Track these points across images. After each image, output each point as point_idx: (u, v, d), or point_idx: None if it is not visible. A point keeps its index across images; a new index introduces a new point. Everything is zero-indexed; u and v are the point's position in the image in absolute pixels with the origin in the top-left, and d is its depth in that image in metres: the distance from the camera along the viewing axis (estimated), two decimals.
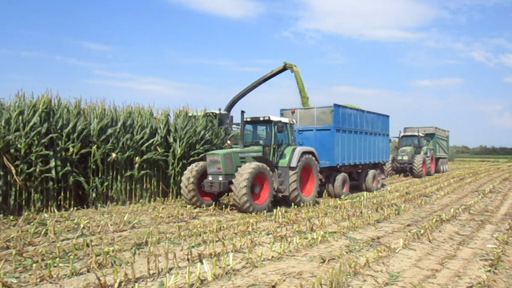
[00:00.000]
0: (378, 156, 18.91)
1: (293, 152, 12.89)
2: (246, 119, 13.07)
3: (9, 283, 5.15)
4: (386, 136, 20.14)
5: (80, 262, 6.26)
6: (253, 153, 12.58)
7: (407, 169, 26.54)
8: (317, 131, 15.77)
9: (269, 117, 12.69)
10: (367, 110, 18.15)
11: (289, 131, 13.54)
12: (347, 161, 16.22)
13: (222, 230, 8.91)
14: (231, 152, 12.08)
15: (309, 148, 13.74)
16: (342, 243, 7.95)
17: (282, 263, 6.53)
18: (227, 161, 11.77)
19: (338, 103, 15.87)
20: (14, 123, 10.80)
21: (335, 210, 12.14)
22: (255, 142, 13.65)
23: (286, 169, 12.69)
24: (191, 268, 5.81)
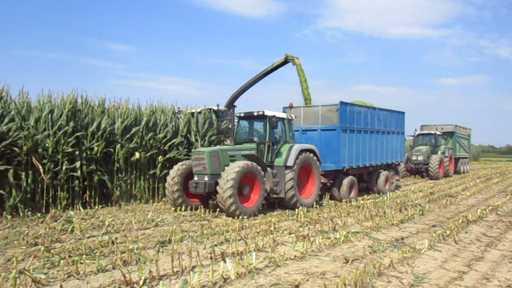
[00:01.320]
0: (391, 157, 17.62)
1: (290, 150, 11.93)
2: (240, 114, 12.29)
3: (38, 279, 5.28)
4: (401, 135, 18.82)
5: (106, 259, 6.37)
6: (245, 151, 11.57)
7: (423, 170, 24.62)
8: (322, 131, 14.52)
9: (264, 112, 11.73)
10: (379, 107, 16.87)
11: (286, 128, 12.54)
12: (355, 163, 14.99)
13: (244, 229, 8.93)
14: (218, 150, 11.09)
15: (308, 146, 12.79)
16: (365, 243, 7.86)
17: (304, 262, 6.50)
18: (213, 160, 10.82)
19: (345, 101, 14.64)
20: (42, 122, 11.08)
21: (357, 210, 12.01)
22: (249, 139, 12.62)
23: (282, 169, 11.73)
24: (214, 266, 5.84)
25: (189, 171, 11.41)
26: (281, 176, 11.67)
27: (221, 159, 10.93)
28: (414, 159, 24.87)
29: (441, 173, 24.23)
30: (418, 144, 26.68)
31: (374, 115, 16.35)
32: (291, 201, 11.70)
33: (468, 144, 32.89)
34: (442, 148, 26.09)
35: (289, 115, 12.82)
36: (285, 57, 16.03)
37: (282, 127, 12.51)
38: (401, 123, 18.80)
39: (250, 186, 10.89)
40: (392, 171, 17.66)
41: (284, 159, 11.73)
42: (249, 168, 10.50)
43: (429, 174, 23.97)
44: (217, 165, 10.80)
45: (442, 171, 24.36)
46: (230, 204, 9.96)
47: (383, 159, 16.88)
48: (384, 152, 16.90)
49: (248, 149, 11.68)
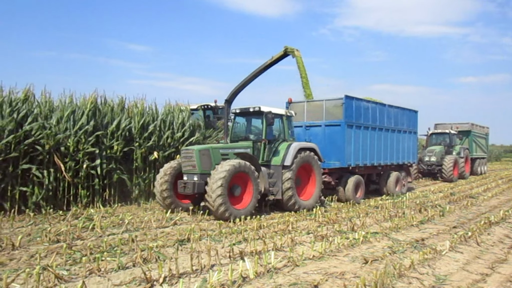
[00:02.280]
0: (402, 157, 16.68)
1: (288, 149, 11.23)
2: (236, 110, 11.77)
3: (61, 275, 5.38)
4: (414, 134, 17.84)
5: (126, 256, 6.45)
6: (240, 149, 10.93)
7: (436, 171, 23.09)
8: (326, 127, 13.81)
9: (260, 107, 11.16)
10: (389, 104, 15.94)
11: (285, 125, 11.84)
12: (362, 162, 14.18)
13: (262, 228, 8.93)
14: (208, 148, 10.49)
15: (308, 144, 12.08)
16: (384, 244, 7.78)
17: (323, 262, 6.47)
18: (203, 158, 10.19)
19: (351, 95, 13.78)
20: (64, 122, 11.30)
21: (376, 210, 11.90)
22: (245, 137, 11.89)
23: (279, 168, 11.07)
24: (233, 265, 5.85)
25: (179, 171, 10.79)
26: (278, 176, 11.06)
27: (212, 158, 10.35)
28: (427, 160, 23.45)
29: (456, 175, 22.93)
30: (432, 144, 25.29)
31: (383, 112, 15.55)
32: (289, 203, 11.08)
33: (486, 143, 31.34)
34: (457, 148, 24.76)
35: (288, 111, 12.21)
36: (285, 50, 15.18)
37: (280, 124, 11.90)
38: (414, 122, 17.98)
39: (242, 187, 10.23)
40: (403, 172, 16.86)
41: (282, 158, 11.11)
42: (241, 168, 9.87)
43: (443, 176, 22.68)
44: (208, 164, 10.19)
45: (456, 172, 23.12)
46: (219, 206, 9.32)
47: (393, 159, 16.02)
48: (394, 152, 16.06)
49: (243, 147, 11.11)
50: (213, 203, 9.34)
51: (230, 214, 9.49)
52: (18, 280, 5.18)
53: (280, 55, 15.45)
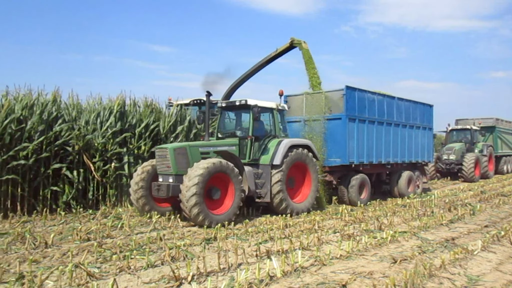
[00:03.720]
0: (416, 155, 15.39)
1: (278, 146, 10.25)
2: (222, 104, 10.92)
3: (92, 272, 5.51)
4: (429, 131, 16.45)
5: (154, 255, 6.54)
6: (222, 147, 10.00)
7: (455, 171, 21.26)
8: (326, 121, 12.69)
9: (246, 100, 10.22)
10: (399, 97, 14.69)
11: (275, 119, 10.81)
12: (367, 159, 13.04)
13: (288, 227, 8.91)
14: (185, 146, 9.54)
15: (301, 141, 11.14)
16: (413, 243, 7.64)
17: (351, 262, 6.40)
18: (178, 158, 9.25)
19: (353, 86, 12.67)
20: (92, 123, 11.57)
21: (403, 209, 11.70)
22: (231, 134, 10.96)
23: (268, 168, 10.13)
24: (260, 264, 5.86)
25: (155, 172, 9.85)
26: (267, 176, 10.12)
27: (189, 157, 9.38)
28: (445, 158, 21.56)
29: (477, 174, 21.25)
30: (452, 141, 23.37)
31: (392, 105, 14.28)
32: (280, 206, 10.17)
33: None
34: (480, 146, 22.83)
35: (280, 104, 11.11)
36: (291, 41, 14.25)
37: (270, 119, 10.91)
38: (429, 117, 16.57)
39: (222, 189, 9.28)
40: (417, 172, 15.63)
41: (271, 157, 10.16)
42: (220, 167, 8.92)
43: (463, 176, 21.02)
44: (184, 164, 9.19)
45: (478, 171, 21.42)
46: (194, 212, 8.46)
47: (404, 157, 14.74)
48: (406, 149, 14.80)
49: (228, 145, 10.17)
50: (188, 208, 8.44)
51: (207, 220, 8.58)
52: (52, 277, 5.33)
53: (286, 47, 14.42)
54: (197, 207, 8.42)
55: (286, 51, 14.58)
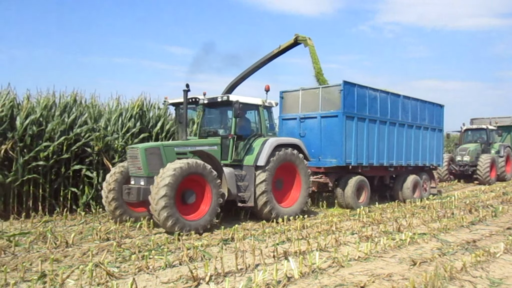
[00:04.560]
0: (423, 158, 14.44)
1: (262, 146, 9.56)
2: (203, 101, 10.21)
3: (112, 272, 5.58)
4: (439, 132, 15.43)
5: (172, 255, 6.59)
6: (203, 147, 9.31)
7: (470, 172, 20.28)
8: (322, 119, 11.85)
9: (228, 96, 9.64)
10: (405, 95, 13.78)
11: (261, 117, 10.08)
12: (366, 161, 12.18)
13: (305, 228, 8.87)
14: (159, 146, 8.87)
15: (289, 140, 10.41)
16: (433, 245, 7.53)
17: (369, 263, 6.34)
18: (150, 158, 8.58)
19: (352, 81, 11.80)
20: (112, 124, 11.74)
21: (423, 210, 11.53)
22: (213, 132, 10.24)
23: (251, 169, 9.47)
24: (278, 265, 5.85)
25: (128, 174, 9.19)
26: (250, 179, 9.43)
27: (163, 158, 8.71)
28: (459, 159, 20.59)
29: (493, 177, 20.12)
30: (466, 141, 22.16)
31: (397, 103, 13.36)
32: (264, 210, 9.45)
33: None
34: (496, 146, 21.60)
35: (266, 100, 10.32)
36: (295, 38, 13.64)
37: (256, 116, 10.19)
38: (439, 118, 15.54)
39: (198, 193, 8.55)
40: (424, 176, 14.62)
41: (255, 157, 9.46)
42: (194, 169, 8.19)
43: (478, 178, 19.96)
44: (157, 165, 8.45)
45: (494, 173, 20.28)
46: (164, 217, 7.70)
47: (409, 159, 13.81)
48: (412, 152, 13.88)
49: (208, 144, 9.48)
50: (156, 211, 7.75)
51: (178, 225, 7.85)
52: (73, 276, 5.42)
53: (290, 44, 13.81)
54: (166, 211, 7.66)
55: (289, 48, 14.04)
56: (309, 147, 11.45)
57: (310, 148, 11.50)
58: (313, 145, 11.78)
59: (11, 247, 6.88)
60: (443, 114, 15.81)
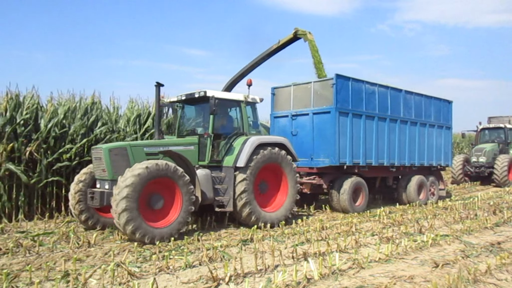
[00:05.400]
0: (429, 157, 13.61)
1: (243, 145, 8.89)
2: (180, 97, 9.54)
3: (133, 272, 5.65)
4: (446, 130, 14.52)
5: (192, 255, 6.63)
6: (178, 147, 8.62)
7: (486, 174, 19.14)
8: (314, 116, 11.16)
9: (205, 92, 8.82)
10: (407, 90, 12.93)
11: (243, 114, 9.36)
12: (364, 161, 11.42)
13: (325, 229, 8.81)
14: (125, 146, 8.10)
15: (274, 138, 9.68)
16: (456, 247, 7.38)
17: (390, 265, 6.26)
18: (115, 160, 7.86)
19: (345, 75, 11.03)
20: (131, 125, 11.91)
21: (445, 211, 11.33)
22: (191, 131, 9.57)
23: (231, 171, 8.81)
24: (297, 266, 5.82)
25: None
26: (230, 181, 8.75)
27: (130, 159, 7.96)
28: (474, 160, 19.51)
29: (511, 179, 19.03)
30: (483, 141, 20.90)
31: (398, 99, 12.54)
32: (243, 213, 8.71)
33: None
34: None
35: (249, 96, 9.49)
36: (295, 32, 13.10)
37: (238, 113, 9.50)
38: (446, 114, 14.62)
39: (166, 198, 7.83)
40: (431, 177, 13.77)
41: (235, 158, 8.79)
42: (163, 171, 7.52)
43: (495, 180, 18.88)
44: (123, 168, 7.61)
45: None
46: (123, 221, 7.01)
47: (414, 159, 13.02)
48: (416, 151, 13.09)
49: (184, 144, 8.80)
50: (117, 217, 7.08)
51: (140, 232, 7.13)
52: (95, 276, 5.50)
53: (289, 39, 13.35)
54: (127, 214, 6.99)
55: (289, 43, 13.53)
56: (301, 146, 11.10)
57: (302, 148, 11.13)
58: (305, 144, 11.27)
59: (35, 246, 7.04)
60: (451, 110, 14.92)
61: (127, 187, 7.03)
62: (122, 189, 7.04)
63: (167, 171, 7.57)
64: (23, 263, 6.20)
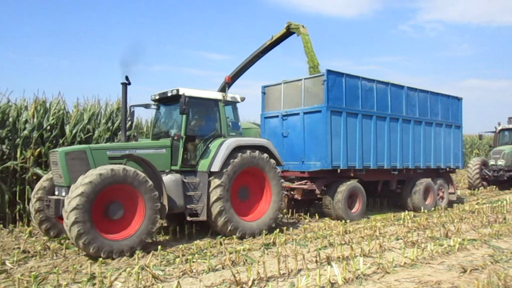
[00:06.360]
0: (437, 159, 12.69)
1: (219, 148, 8.20)
2: (155, 96, 8.96)
3: (157, 275, 5.70)
4: (456, 129, 13.55)
5: (215, 259, 6.66)
6: (148, 150, 7.98)
7: (505, 178, 17.75)
8: (305, 115, 10.39)
9: (178, 90, 8.21)
10: (409, 86, 12.04)
11: (221, 114, 8.65)
12: (360, 164, 10.56)
13: (348, 233, 8.71)
14: (84, 149, 7.36)
15: (254, 141, 8.91)
16: (484, 252, 7.19)
17: (416, 270, 6.14)
18: (72, 164, 7.12)
19: (335, 70, 10.22)
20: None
21: (471, 215, 11.04)
22: (165, 133, 8.91)
23: (205, 176, 8.12)
24: (320, 270, 5.77)
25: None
26: (204, 187, 8.07)
27: (91, 163, 7.23)
28: (493, 163, 18.14)
29: None
30: (502, 143, 19.38)
31: (400, 96, 11.69)
32: (218, 222, 7.98)
33: None
34: None
35: (226, 95, 8.78)
36: (287, 26, 12.49)
37: (216, 114, 8.70)
38: (456, 112, 13.62)
39: (127, 206, 7.09)
40: (439, 181, 12.85)
41: (209, 162, 8.12)
42: (121, 177, 6.80)
43: None
44: (83, 173, 6.85)
45: None
46: (74, 233, 6.33)
47: (419, 161, 12.14)
48: (421, 152, 12.20)
49: (155, 147, 8.13)
50: (68, 229, 6.41)
51: (94, 245, 6.46)
52: (120, 278, 5.59)
53: (282, 34, 12.82)
54: (78, 227, 6.31)
55: (283, 38, 13.01)
56: (292, 149, 10.62)
57: (293, 150, 10.62)
58: (296, 146, 10.63)
59: (62, 249, 7.19)
60: (461, 108, 13.86)
61: (77, 197, 6.35)
62: (72, 199, 6.37)
63: (125, 177, 6.83)
64: (51, 266, 6.34)
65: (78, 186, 6.49)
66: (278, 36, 12.97)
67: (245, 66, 13.70)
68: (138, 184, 6.98)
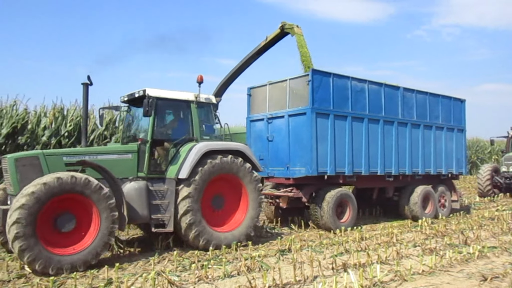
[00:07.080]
0: (437, 164, 12.03)
1: (188, 153, 7.65)
2: (123, 98, 8.49)
3: (173, 280, 5.71)
4: (459, 133, 12.91)
5: (231, 265, 6.65)
6: (111, 155, 7.37)
7: None
8: (290, 118, 9.84)
9: (145, 90, 7.67)
10: (406, 87, 11.43)
11: (193, 117, 8.07)
12: (350, 169, 9.96)
13: (364, 240, 8.62)
14: (37, 155, 6.72)
15: (228, 145, 8.21)
16: (505, 260, 7.05)
17: (434, 278, 6.04)
18: (23, 172, 6.51)
19: (322, 69, 9.77)
20: None
21: (491, 222, 10.83)
22: (133, 137, 8.42)
23: (173, 184, 7.61)
24: (337, 277, 5.71)
25: None
26: (172, 195, 7.56)
27: (44, 170, 6.61)
28: (505, 170, 17.43)
29: None
30: None
31: (395, 98, 11.04)
32: (189, 235, 7.44)
33: None
34: None
35: (199, 95, 8.20)
36: (281, 26, 12.14)
37: (188, 116, 8.15)
38: (458, 115, 12.95)
39: (79, 218, 6.52)
40: (440, 187, 12.17)
41: (178, 168, 7.57)
42: (69, 186, 6.22)
43: None
44: (30, 182, 6.23)
45: None
46: (16, 248, 5.83)
47: (417, 166, 11.46)
48: (420, 157, 11.53)
49: (120, 152, 7.52)
50: (11, 245, 5.92)
51: (40, 261, 5.91)
52: (137, 284, 5.62)
53: (276, 34, 12.46)
54: (20, 242, 5.80)
55: (278, 39, 12.70)
56: (277, 154, 10.11)
57: (278, 155, 10.09)
58: (281, 151, 10.07)
59: None
60: (464, 110, 13.19)
61: (17, 210, 5.82)
62: (13, 212, 5.85)
63: (74, 186, 6.26)
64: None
65: (19, 198, 5.95)
66: (272, 37, 12.69)
67: (239, 69, 13.39)
68: (90, 193, 6.41)
